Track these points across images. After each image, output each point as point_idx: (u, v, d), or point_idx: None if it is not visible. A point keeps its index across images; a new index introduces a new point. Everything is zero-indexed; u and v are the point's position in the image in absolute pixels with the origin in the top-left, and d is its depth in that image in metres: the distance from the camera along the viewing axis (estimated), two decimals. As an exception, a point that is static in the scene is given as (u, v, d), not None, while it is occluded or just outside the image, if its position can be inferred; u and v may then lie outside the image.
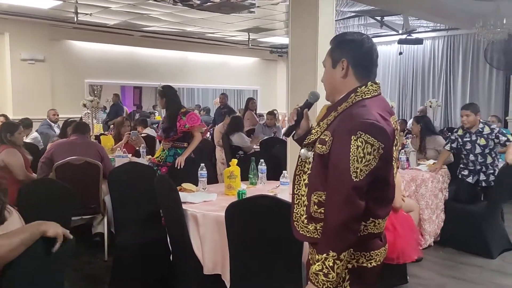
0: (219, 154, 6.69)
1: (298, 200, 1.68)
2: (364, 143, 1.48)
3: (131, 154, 5.17)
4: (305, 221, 1.63)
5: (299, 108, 1.81)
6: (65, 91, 8.53)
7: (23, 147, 4.37)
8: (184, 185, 3.34)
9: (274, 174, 3.56)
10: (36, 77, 8.24)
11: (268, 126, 7.19)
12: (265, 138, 6.61)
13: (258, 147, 6.30)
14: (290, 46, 4.05)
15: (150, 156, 5.05)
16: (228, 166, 3.39)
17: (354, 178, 1.47)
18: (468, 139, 4.35)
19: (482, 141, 4.29)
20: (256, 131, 7.11)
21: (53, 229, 1.74)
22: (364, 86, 1.62)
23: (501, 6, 6.49)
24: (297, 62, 3.99)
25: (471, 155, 4.34)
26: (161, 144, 4.43)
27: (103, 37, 9.05)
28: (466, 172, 4.40)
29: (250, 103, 8.30)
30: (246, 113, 8.10)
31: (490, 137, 4.26)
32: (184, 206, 2.83)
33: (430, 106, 8.85)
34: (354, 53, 1.63)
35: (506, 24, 6.49)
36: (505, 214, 4.78)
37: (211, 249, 2.71)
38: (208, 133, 8.01)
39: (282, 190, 3.07)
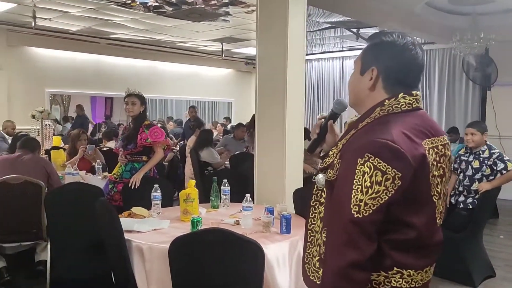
0: (189, 168, 6.28)
1: (311, 238, 1.35)
2: (372, 169, 1.13)
3: (85, 171, 4.71)
4: (317, 264, 1.30)
5: (323, 120, 1.47)
6: (23, 101, 7.95)
7: None
8: (134, 209, 2.93)
9: (242, 194, 3.19)
10: (-9, 86, 7.67)
11: (236, 139, 6.80)
12: (236, 153, 6.25)
13: (228, 163, 5.94)
14: (257, 57, 3.71)
15: (106, 173, 4.60)
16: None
17: (354, 213, 1.12)
18: (465, 158, 4.04)
19: (475, 164, 3.95)
20: (228, 145, 6.72)
21: None
22: (393, 99, 1.25)
23: (478, 20, 6.36)
24: (265, 74, 3.65)
25: (461, 174, 4.03)
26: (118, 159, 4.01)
27: (65, 44, 8.52)
28: (452, 192, 4.10)
29: None
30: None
31: (487, 162, 3.90)
32: (128, 236, 2.43)
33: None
34: (388, 62, 1.27)
35: (483, 38, 6.34)
36: (484, 236, 4.50)
37: (159, 287, 2.30)
38: (178, 146, 7.61)
39: (245, 216, 2.70)
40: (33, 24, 6.64)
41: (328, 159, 1.30)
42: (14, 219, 3.45)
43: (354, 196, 1.13)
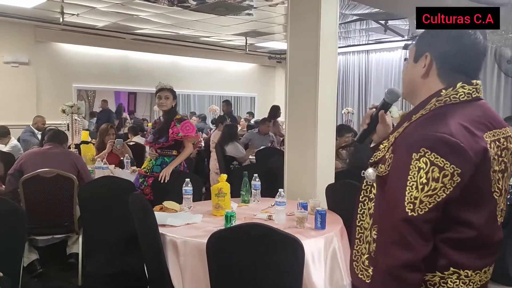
0: (213, 164, 6.28)
1: (360, 235, 1.30)
2: (429, 164, 1.06)
3: (114, 165, 4.73)
4: (366, 262, 1.25)
5: (374, 109, 1.41)
6: (51, 96, 8.06)
7: None
8: (166, 203, 2.91)
9: (270, 190, 3.15)
10: (20, 81, 7.79)
11: (261, 134, 6.76)
12: (261, 148, 6.21)
13: (254, 158, 5.90)
14: (288, 50, 3.64)
15: (134, 167, 4.62)
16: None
17: (409, 211, 1.06)
18: None
19: None
20: (252, 140, 6.68)
21: None
22: (451, 88, 1.17)
23: (513, 10, 6.13)
24: (296, 68, 3.57)
25: None
26: (147, 153, 4.02)
27: (92, 39, 8.61)
28: None
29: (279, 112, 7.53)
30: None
31: None
32: (162, 230, 2.41)
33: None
34: (444, 48, 1.19)
35: (518, 29, 6.12)
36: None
37: (192, 282, 2.28)
38: (203, 141, 7.61)
39: (278, 211, 2.65)
40: (61, 20, 6.71)
41: (379, 153, 1.24)
42: (46, 212, 3.48)
43: (408, 193, 1.07)
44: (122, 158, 4.91)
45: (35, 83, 8.06)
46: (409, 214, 1.06)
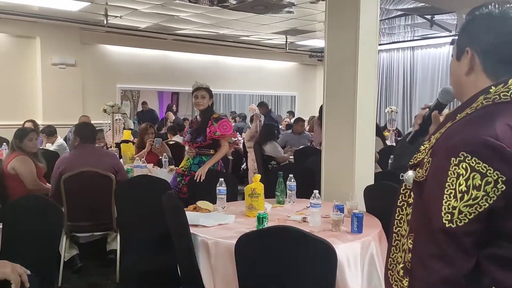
0: (251, 164, 6.24)
1: (396, 242, 1.20)
2: (469, 170, 0.95)
3: (152, 164, 4.79)
4: (401, 272, 1.14)
5: (427, 109, 1.32)
6: (96, 96, 8.33)
7: (38, 155, 4.07)
8: (200, 203, 2.89)
9: (308, 190, 3.05)
10: (67, 82, 8.09)
11: (295, 134, 6.67)
12: (300, 147, 6.12)
13: (292, 158, 5.83)
14: (326, 48, 3.53)
15: (172, 167, 4.66)
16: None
17: (446, 222, 0.96)
18: None
19: None
20: (288, 141, 6.61)
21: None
22: (502, 85, 1.04)
23: None
24: (334, 66, 3.46)
25: None
26: (186, 152, 4.03)
27: (135, 41, 8.86)
28: None
29: None
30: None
31: None
32: (194, 230, 2.39)
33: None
34: (485, 38, 1.07)
35: None
36: None
37: (223, 284, 2.24)
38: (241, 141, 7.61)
39: (313, 213, 2.57)
40: (105, 22, 6.91)
41: (419, 155, 1.13)
42: (86, 210, 3.55)
43: (446, 203, 0.96)
44: (160, 157, 4.96)
45: (81, 84, 8.35)
46: (447, 225, 0.96)
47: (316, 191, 2.63)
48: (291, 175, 3.14)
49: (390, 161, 4.82)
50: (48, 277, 2.06)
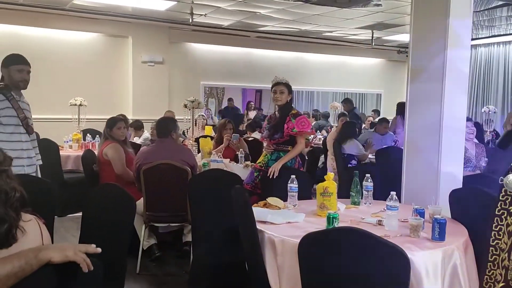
0: (330, 162, 6.07)
1: (494, 257, 1.11)
2: None
3: (229, 159, 4.83)
4: None
5: None
6: (181, 92, 8.64)
7: (127, 142, 4.42)
8: (270, 199, 2.82)
9: (387, 192, 2.86)
10: (155, 79, 8.50)
11: (380, 134, 6.33)
12: (383, 147, 5.81)
13: (374, 157, 5.54)
14: (411, 42, 3.28)
15: (248, 162, 4.66)
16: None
17: None
18: None
19: None
20: (371, 139, 6.30)
21: (61, 253, 1.35)
22: None
23: None
24: (419, 63, 3.20)
25: None
26: (264, 148, 4.00)
27: (219, 38, 9.06)
28: None
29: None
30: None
31: None
32: (261, 227, 2.33)
33: None
34: None
35: None
36: None
37: (289, 283, 2.15)
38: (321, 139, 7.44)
39: (389, 216, 2.38)
40: (190, 21, 7.13)
41: None
42: (163, 201, 3.66)
43: None
44: (237, 152, 4.99)
45: (167, 80, 8.73)
46: None
47: (393, 193, 2.43)
48: (367, 175, 2.96)
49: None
50: (116, 266, 2.12)
